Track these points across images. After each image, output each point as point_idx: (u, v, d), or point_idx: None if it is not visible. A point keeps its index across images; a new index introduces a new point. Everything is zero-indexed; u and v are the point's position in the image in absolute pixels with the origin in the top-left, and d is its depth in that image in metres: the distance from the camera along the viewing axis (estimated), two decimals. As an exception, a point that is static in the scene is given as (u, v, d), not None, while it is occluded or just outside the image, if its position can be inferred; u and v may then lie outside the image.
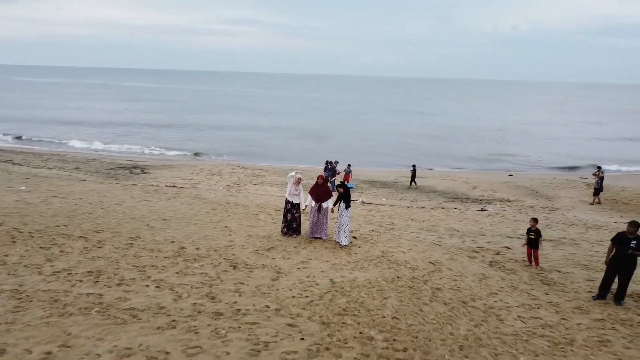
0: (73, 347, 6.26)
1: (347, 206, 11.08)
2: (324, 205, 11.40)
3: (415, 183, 26.00)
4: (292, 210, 11.53)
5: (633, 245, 8.20)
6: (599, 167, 24.11)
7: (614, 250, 8.44)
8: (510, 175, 31.31)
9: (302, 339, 6.70)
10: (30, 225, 11.00)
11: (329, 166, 23.42)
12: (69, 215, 11.98)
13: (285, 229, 11.67)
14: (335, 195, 11.58)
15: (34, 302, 7.44)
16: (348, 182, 24.28)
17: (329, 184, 15.92)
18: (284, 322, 7.17)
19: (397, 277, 9.21)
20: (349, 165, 25.35)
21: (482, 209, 20.04)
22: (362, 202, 20.14)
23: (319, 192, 11.40)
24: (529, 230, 10.57)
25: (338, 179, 22.92)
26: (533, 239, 10.48)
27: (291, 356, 6.23)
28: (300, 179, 11.54)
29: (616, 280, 8.57)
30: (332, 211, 11.55)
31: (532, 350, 6.83)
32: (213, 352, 6.23)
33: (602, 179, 23.26)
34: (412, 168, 26.40)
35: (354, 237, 11.82)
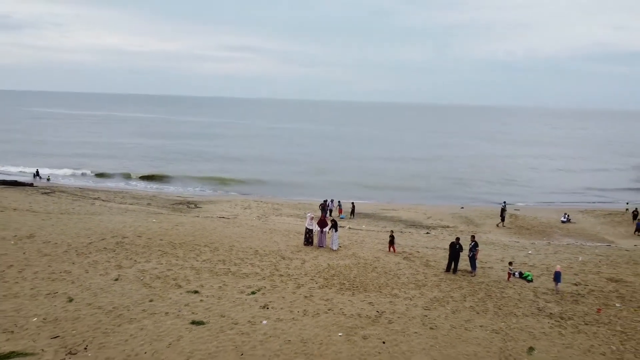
0: (228, 285, 16.88)
1: (336, 230, 21.89)
2: (324, 229, 22.24)
3: (353, 215, 35.65)
4: (309, 232, 22.38)
5: (457, 247, 19.02)
6: (504, 202, 34.95)
7: (450, 249, 19.23)
8: (462, 207, 41.92)
9: (317, 283, 17.37)
10: (177, 240, 21.71)
11: (327, 203, 34.49)
12: (192, 235, 22.73)
13: (305, 242, 22.47)
14: (330, 224, 22.39)
15: (202, 271, 18.05)
16: (341, 213, 35.30)
17: (328, 216, 26.84)
18: (308, 278, 17.82)
19: (358, 263, 19.96)
20: (339, 201, 36.48)
21: (427, 233, 30.76)
22: (349, 228, 30.82)
23: (322, 223, 22.28)
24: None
25: (335, 213, 33.95)
26: (390, 240, 21.79)
27: (313, 289, 16.85)
28: (312, 217, 22.43)
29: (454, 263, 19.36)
30: (328, 232, 22.35)
31: (409, 288, 17.46)
32: (282, 287, 16.85)
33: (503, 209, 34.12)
34: (351, 204, 36.85)
35: (340, 246, 22.56)
